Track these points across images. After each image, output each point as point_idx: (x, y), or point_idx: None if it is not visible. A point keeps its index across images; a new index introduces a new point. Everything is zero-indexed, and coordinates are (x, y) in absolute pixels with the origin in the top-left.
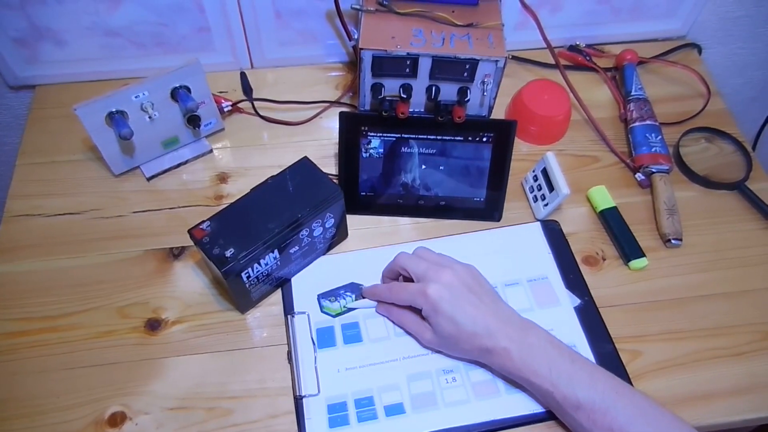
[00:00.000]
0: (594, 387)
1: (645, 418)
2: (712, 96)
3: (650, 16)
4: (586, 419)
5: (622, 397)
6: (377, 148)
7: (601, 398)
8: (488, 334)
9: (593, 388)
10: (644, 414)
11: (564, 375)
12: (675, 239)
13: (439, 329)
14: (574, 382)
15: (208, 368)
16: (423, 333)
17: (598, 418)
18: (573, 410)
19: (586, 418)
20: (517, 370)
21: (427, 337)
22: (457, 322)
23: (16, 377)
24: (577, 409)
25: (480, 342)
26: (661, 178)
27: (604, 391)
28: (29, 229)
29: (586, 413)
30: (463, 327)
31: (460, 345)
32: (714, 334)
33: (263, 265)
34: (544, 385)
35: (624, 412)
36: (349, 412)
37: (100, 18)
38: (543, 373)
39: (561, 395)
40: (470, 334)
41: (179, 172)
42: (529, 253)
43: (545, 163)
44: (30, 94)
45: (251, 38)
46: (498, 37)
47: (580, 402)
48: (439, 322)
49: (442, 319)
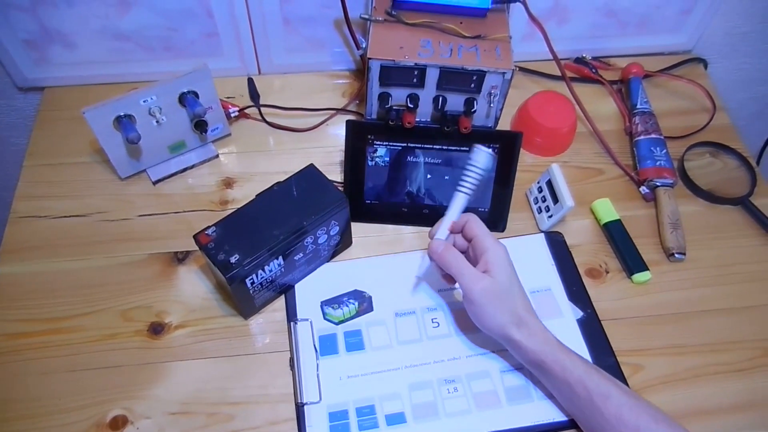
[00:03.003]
0: (616, 383)
1: (660, 422)
2: (717, 111)
3: (657, 30)
4: (615, 411)
5: (639, 398)
6: (383, 157)
7: (627, 393)
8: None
9: (614, 383)
10: (657, 417)
11: (589, 366)
12: (678, 253)
13: (501, 278)
14: (599, 373)
15: (210, 373)
16: (479, 280)
17: (626, 412)
18: (602, 400)
19: (616, 411)
20: (542, 353)
21: (482, 285)
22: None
23: (19, 378)
24: (606, 399)
25: (522, 312)
26: (665, 191)
27: (626, 389)
28: (35, 231)
29: (615, 405)
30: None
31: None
32: (716, 350)
33: (267, 271)
34: (577, 372)
35: (650, 412)
36: (350, 421)
37: (110, 22)
38: (575, 361)
39: (594, 384)
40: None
41: (185, 176)
42: (533, 265)
43: (550, 175)
44: (38, 96)
45: (259, 44)
46: (505, 49)
47: (610, 393)
48: (502, 271)
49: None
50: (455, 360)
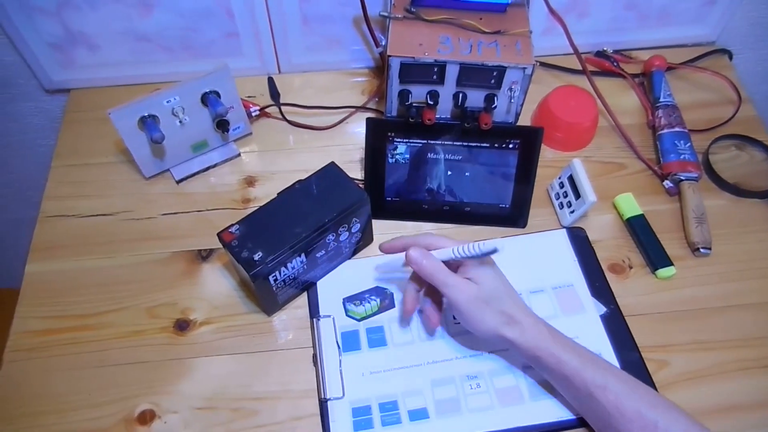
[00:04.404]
0: (614, 371)
1: (658, 406)
2: (743, 102)
3: (679, 21)
4: (613, 400)
5: (638, 384)
6: (403, 154)
7: (623, 380)
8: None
9: (612, 371)
10: (655, 403)
11: (586, 357)
12: (704, 248)
13: (485, 282)
14: (596, 363)
15: (234, 369)
16: (464, 289)
17: (624, 400)
18: (600, 391)
19: (614, 399)
20: (537, 349)
21: (466, 292)
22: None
23: (48, 374)
24: (604, 390)
25: (511, 311)
26: (689, 185)
27: (625, 376)
28: (63, 230)
29: (613, 394)
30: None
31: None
32: (742, 345)
33: (290, 268)
34: (572, 364)
35: (646, 397)
36: (373, 416)
37: (132, 23)
38: (569, 354)
39: (590, 375)
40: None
41: (208, 175)
42: (555, 260)
43: (572, 170)
44: (65, 98)
45: (279, 43)
46: (526, 44)
47: (607, 383)
48: (485, 275)
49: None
50: (477, 356)
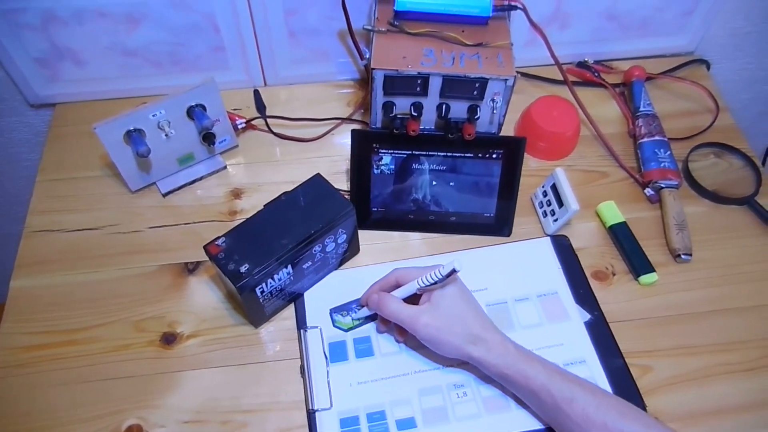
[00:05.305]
0: (580, 383)
1: (627, 416)
2: (721, 111)
3: (659, 32)
4: (581, 413)
5: (605, 395)
6: (388, 165)
7: (591, 392)
8: (484, 327)
9: (579, 383)
10: (623, 412)
11: (552, 371)
12: (685, 254)
13: (443, 304)
14: (563, 377)
15: (222, 382)
16: (422, 319)
17: (592, 412)
18: (567, 404)
19: (581, 412)
20: (504, 366)
21: (423, 321)
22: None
23: (36, 389)
24: (571, 403)
25: (476, 330)
26: (670, 193)
27: (591, 388)
28: (49, 244)
29: (580, 407)
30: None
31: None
32: (725, 350)
33: (277, 280)
34: (539, 379)
35: (616, 407)
36: (361, 426)
37: (119, 38)
38: (536, 369)
39: (557, 389)
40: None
41: (194, 188)
42: (539, 268)
43: (554, 179)
44: (50, 112)
45: (265, 56)
46: (507, 56)
47: (574, 396)
48: (443, 297)
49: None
50: (464, 365)
